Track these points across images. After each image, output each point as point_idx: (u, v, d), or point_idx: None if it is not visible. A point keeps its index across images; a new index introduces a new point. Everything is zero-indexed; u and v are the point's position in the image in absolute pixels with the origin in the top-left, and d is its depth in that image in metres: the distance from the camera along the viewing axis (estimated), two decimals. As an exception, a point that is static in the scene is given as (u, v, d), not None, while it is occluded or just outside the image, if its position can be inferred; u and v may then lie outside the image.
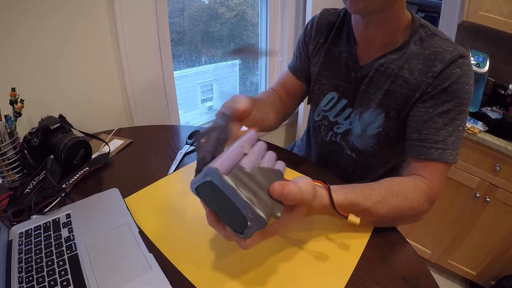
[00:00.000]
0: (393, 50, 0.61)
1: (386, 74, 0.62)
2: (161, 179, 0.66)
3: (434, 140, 0.55)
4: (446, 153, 0.55)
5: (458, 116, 0.55)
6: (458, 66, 0.54)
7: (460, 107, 0.55)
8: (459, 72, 0.54)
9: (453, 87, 0.54)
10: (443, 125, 0.55)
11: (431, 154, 0.55)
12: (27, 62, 0.79)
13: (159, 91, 1.13)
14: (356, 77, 0.67)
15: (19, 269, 0.44)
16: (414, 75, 0.58)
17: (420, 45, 0.59)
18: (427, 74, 0.57)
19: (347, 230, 0.53)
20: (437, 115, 0.56)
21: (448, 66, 0.55)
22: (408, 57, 0.59)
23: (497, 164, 1.14)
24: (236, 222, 0.36)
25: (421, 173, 0.56)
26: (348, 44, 0.68)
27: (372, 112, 0.65)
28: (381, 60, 0.62)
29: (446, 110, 0.55)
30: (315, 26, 0.73)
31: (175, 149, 0.78)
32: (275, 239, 0.50)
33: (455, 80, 0.54)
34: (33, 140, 0.65)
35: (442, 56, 0.55)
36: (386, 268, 0.47)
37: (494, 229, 1.25)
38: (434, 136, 0.56)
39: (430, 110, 0.56)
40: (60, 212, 0.55)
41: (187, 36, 1.36)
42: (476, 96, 1.33)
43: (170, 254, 0.47)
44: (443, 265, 1.44)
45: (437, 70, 0.55)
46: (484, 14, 1.17)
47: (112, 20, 0.91)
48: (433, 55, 0.56)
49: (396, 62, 0.61)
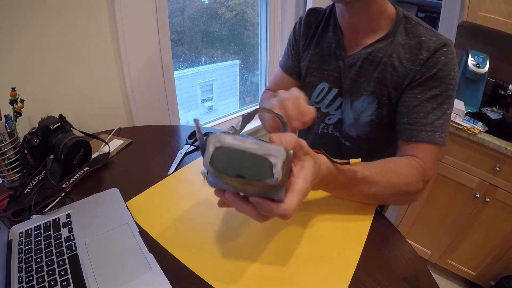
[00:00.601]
0: (380, 39, 0.64)
1: (375, 62, 0.65)
2: (162, 181, 0.66)
3: (424, 123, 0.58)
4: (435, 135, 0.58)
5: (446, 100, 0.58)
6: (443, 54, 0.58)
7: (447, 92, 0.58)
8: (444, 60, 0.57)
9: (440, 74, 0.58)
10: (431, 109, 0.58)
11: (421, 136, 0.58)
12: (27, 62, 0.79)
13: (159, 91, 1.12)
14: (344, 66, 0.70)
15: (19, 269, 0.44)
16: (403, 64, 0.62)
17: (406, 35, 0.62)
18: (415, 62, 0.60)
19: (347, 229, 0.53)
20: (426, 100, 0.59)
21: (433, 54, 0.58)
22: (396, 46, 0.62)
23: (497, 164, 1.15)
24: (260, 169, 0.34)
25: (413, 153, 0.59)
26: (335, 34, 0.71)
27: (364, 100, 0.67)
28: (369, 49, 0.65)
29: (434, 95, 0.58)
30: (303, 23, 0.78)
31: (175, 149, 0.79)
32: (275, 240, 0.50)
33: (441, 68, 0.57)
34: (33, 140, 0.65)
35: (427, 45, 0.59)
36: (386, 268, 0.47)
37: (494, 229, 1.25)
38: (423, 120, 0.58)
39: (419, 96, 0.59)
40: (60, 212, 0.55)
41: (187, 36, 1.36)
42: (476, 96, 1.33)
43: (174, 250, 0.48)
44: (443, 265, 1.44)
45: (423, 58, 0.59)
46: (484, 15, 1.17)
47: (112, 20, 0.91)
48: (418, 44, 0.60)
49: (383, 51, 0.64)
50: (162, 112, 1.17)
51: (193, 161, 0.73)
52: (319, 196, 0.61)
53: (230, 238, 0.51)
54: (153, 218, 0.55)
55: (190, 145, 0.79)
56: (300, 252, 0.48)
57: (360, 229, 0.53)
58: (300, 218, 0.55)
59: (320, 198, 0.60)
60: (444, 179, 1.28)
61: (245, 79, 1.74)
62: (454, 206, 1.30)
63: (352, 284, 0.43)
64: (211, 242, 0.50)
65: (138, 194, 0.61)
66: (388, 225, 0.56)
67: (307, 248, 0.49)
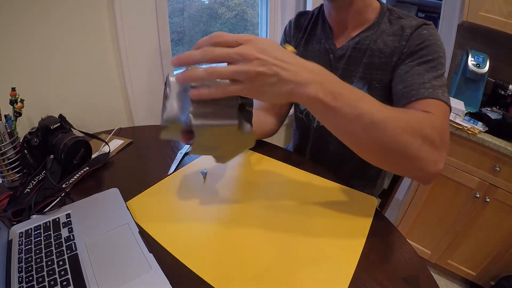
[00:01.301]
0: (366, 29, 0.68)
1: (362, 50, 0.68)
2: (161, 181, 0.66)
3: (421, 82, 0.54)
4: (436, 92, 0.52)
5: (438, 66, 0.56)
6: (425, 29, 0.61)
7: (438, 58, 0.57)
8: (427, 33, 0.60)
9: (426, 43, 0.59)
10: (425, 71, 0.56)
11: (422, 93, 0.53)
12: (27, 62, 0.79)
13: (159, 91, 1.12)
14: (335, 58, 0.73)
15: (19, 268, 0.44)
16: (387, 45, 0.65)
17: (390, 24, 0.66)
18: (400, 40, 0.63)
19: (346, 229, 0.53)
20: (417, 65, 0.58)
21: (415, 29, 0.61)
22: (381, 33, 0.66)
23: (497, 164, 1.14)
24: None
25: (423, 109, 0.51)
26: (324, 31, 0.75)
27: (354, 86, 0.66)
28: (356, 39, 0.69)
29: (425, 60, 0.58)
30: (293, 25, 0.82)
31: (175, 149, 0.79)
32: (275, 239, 0.50)
33: (426, 38, 0.59)
34: (33, 140, 0.65)
35: (408, 24, 0.62)
36: (386, 268, 0.47)
37: (494, 229, 1.25)
38: (419, 80, 0.55)
39: (410, 63, 0.60)
40: (60, 212, 0.55)
41: (187, 36, 1.36)
42: (476, 96, 1.33)
43: (173, 250, 0.48)
44: (443, 265, 1.44)
45: (407, 34, 0.62)
46: (484, 15, 1.17)
47: (112, 20, 0.91)
48: (400, 28, 0.64)
49: (369, 38, 0.67)
50: (162, 112, 1.17)
51: (193, 161, 0.73)
52: (319, 196, 0.61)
53: (230, 238, 0.51)
54: (153, 218, 0.55)
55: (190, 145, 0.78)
56: (300, 252, 0.48)
57: (360, 229, 0.53)
58: (299, 218, 0.55)
59: (319, 197, 0.60)
60: (444, 179, 1.28)
61: (245, 79, 1.74)
62: (454, 206, 1.30)
63: (352, 284, 0.43)
64: (211, 242, 0.50)
65: (138, 194, 0.61)
66: (388, 225, 0.56)
67: (307, 248, 0.49)
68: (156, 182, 0.65)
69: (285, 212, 0.57)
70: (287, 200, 0.61)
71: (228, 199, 0.61)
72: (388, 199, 0.89)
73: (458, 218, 1.31)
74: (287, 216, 0.56)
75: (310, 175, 0.68)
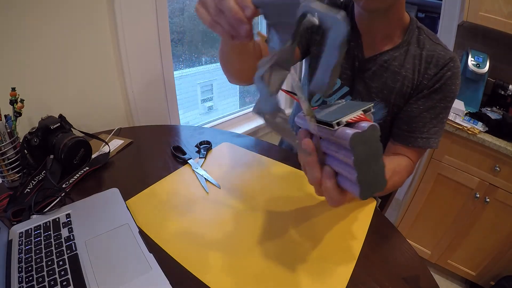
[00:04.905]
0: (395, 47, 0.66)
1: (389, 71, 0.67)
2: (161, 180, 0.66)
3: (421, 132, 0.65)
4: (430, 141, 0.65)
5: (443, 111, 0.65)
6: (449, 69, 0.62)
7: (446, 103, 0.64)
8: (450, 74, 0.62)
9: (443, 87, 0.63)
10: (429, 119, 0.64)
11: (417, 143, 0.65)
12: (27, 62, 0.79)
13: (159, 91, 1.13)
14: (359, 67, 0.70)
15: (19, 268, 0.44)
16: (414, 75, 0.65)
17: (418, 46, 0.65)
18: (424, 75, 0.64)
19: (345, 229, 0.53)
20: (425, 111, 0.64)
21: (441, 69, 0.63)
22: (409, 57, 0.65)
23: (497, 164, 1.14)
24: None
25: (408, 155, 0.67)
26: (354, 33, 0.70)
27: (375, 105, 0.68)
28: (385, 57, 0.67)
29: (433, 106, 0.64)
30: None
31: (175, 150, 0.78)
32: (274, 240, 0.50)
33: (445, 82, 0.62)
34: (33, 140, 0.65)
35: (436, 59, 0.63)
36: (386, 268, 0.47)
37: (494, 229, 1.25)
38: (421, 129, 0.65)
39: (421, 107, 0.65)
40: (60, 212, 0.55)
41: (187, 36, 1.36)
42: (476, 96, 1.33)
43: (171, 251, 0.48)
44: (443, 266, 1.44)
45: (431, 73, 0.63)
46: (484, 15, 1.17)
47: (112, 20, 0.91)
48: (429, 58, 0.64)
49: (398, 60, 0.66)
50: (162, 112, 1.17)
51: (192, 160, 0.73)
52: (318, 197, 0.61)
53: (229, 238, 0.51)
54: (152, 218, 0.55)
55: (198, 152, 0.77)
56: (299, 252, 0.48)
57: (358, 229, 0.53)
58: (299, 218, 0.55)
59: (318, 198, 0.60)
60: (444, 179, 1.28)
61: (245, 79, 1.74)
62: (454, 206, 1.30)
63: (352, 284, 0.43)
64: (210, 242, 0.50)
65: (138, 194, 0.61)
66: (388, 225, 0.56)
67: (306, 248, 0.49)
68: (156, 182, 0.65)
69: (284, 213, 0.57)
70: (287, 200, 0.61)
71: (227, 199, 0.61)
72: (388, 199, 0.89)
73: (458, 218, 1.31)
74: (286, 217, 0.56)
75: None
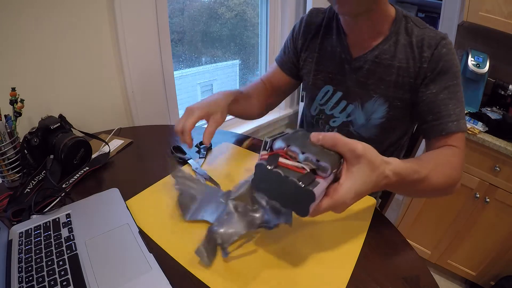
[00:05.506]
0: (384, 40, 0.66)
1: (382, 65, 0.66)
2: (161, 180, 0.66)
3: (448, 115, 0.61)
4: (460, 123, 0.61)
5: (457, 88, 0.62)
6: (443, 46, 0.62)
7: (456, 80, 0.62)
8: (445, 50, 0.62)
9: (445, 65, 0.61)
10: (449, 99, 0.62)
11: (450, 128, 0.61)
12: (27, 62, 0.79)
13: (159, 91, 1.13)
14: (350, 69, 0.70)
15: (19, 268, 0.44)
16: (408, 63, 0.64)
17: (407, 34, 0.65)
18: (421, 60, 0.63)
19: (345, 230, 0.53)
20: (441, 92, 0.62)
21: (435, 49, 0.62)
22: (400, 47, 0.65)
23: (497, 164, 1.14)
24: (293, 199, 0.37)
25: (449, 144, 0.61)
26: (339, 37, 0.71)
27: (375, 102, 0.69)
28: (375, 52, 0.66)
29: (446, 86, 0.62)
30: (303, 24, 0.78)
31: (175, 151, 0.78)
32: (273, 240, 0.50)
33: (446, 59, 0.61)
34: (33, 140, 0.65)
35: (427, 42, 0.62)
36: (386, 268, 0.47)
37: (494, 229, 1.25)
38: (445, 112, 0.61)
39: (434, 91, 0.62)
40: (60, 212, 0.55)
41: (187, 36, 1.36)
42: (476, 96, 1.33)
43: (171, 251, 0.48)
44: (442, 266, 1.44)
45: (428, 55, 0.62)
46: (484, 15, 1.17)
47: (112, 20, 0.91)
48: (419, 43, 0.63)
49: (388, 53, 0.66)
50: (162, 112, 1.17)
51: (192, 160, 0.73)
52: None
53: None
54: (152, 219, 0.55)
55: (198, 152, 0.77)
56: (299, 252, 0.48)
57: (358, 229, 0.53)
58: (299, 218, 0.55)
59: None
60: (444, 179, 1.28)
61: (245, 79, 1.74)
62: (454, 206, 1.30)
63: (352, 284, 0.43)
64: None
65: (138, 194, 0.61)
66: (388, 225, 0.56)
67: (306, 248, 0.49)
68: (156, 182, 0.65)
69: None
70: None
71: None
72: (388, 199, 0.89)
73: (458, 218, 1.31)
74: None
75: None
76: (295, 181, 0.35)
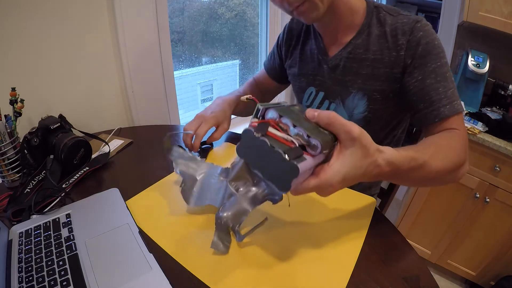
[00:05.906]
0: (356, 35, 0.66)
1: (357, 59, 0.66)
2: (162, 180, 0.66)
3: (439, 99, 0.59)
4: (454, 105, 0.58)
5: (443, 68, 0.59)
6: (419, 29, 0.59)
7: (440, 60, 0.59)
8: (421, 33, 0.59)
9: (425, 48, 0.59)
10: (437, 83, 0.59)
11: (444, 113, 0.58)
12: (27, 62, 0.79)
13: (159, 91, 1.12)
14: (328, 68, 0.72)
15: (19, 268, 0.44)
16: (383, 53, 0.63)
17: (380, 25, 0.64)
18: (396, 48, 0.61)
19: (345, 230, 0.53)
20: (427, 77, 0.59)
21: (410, 34, 0.60)
22: (372, 39, 0.64)
23: (497, 164, 1.14)
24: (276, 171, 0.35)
25: (446, 127, 0.59)
26: (316, 40, 0.74)
27: (354, 97, 0.69)
28: (349, 48, 0.67)
29: (431, 69, 0.59)
30: (286, 31, 0.82)
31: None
32: (273, 240, 0.50)
33: (424, 41, 0.59)
34: (33, 140, 0.65)
35: (401, 29, 0.61)
36: (386, 268, 0.47)
37: (494, 229, 1.25)
38: (436, 97, 0.59)
39: (420, 78, 0.60)
40: (60, 212, 0.55)
41: (187, 36, 1.36)
42: (476, 96, 1.33)
43: (171, 251, 0.48)
44: (442, 266, 1.44)
45: (403, 42, 0.60)
46: (484, 15, 1.17)
47: (112, 20, 0.91)
48: (393, 31, 0.62)
49: (361, 46, 0.65)
50: (162, 112, 1.17)
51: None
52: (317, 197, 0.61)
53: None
54: (152, 219, 0.55)
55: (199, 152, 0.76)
56: (298, 252, 0.48)
57: (358, 229, 0.53)
58: (298, 219, 0.55)
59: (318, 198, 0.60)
60: (444, 179, 1.28)
61: (245, 79, 1.74)
62: (454, 206, 1.30)
63: (352, 284, 0.43)
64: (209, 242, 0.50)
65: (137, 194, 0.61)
66: (388, 225, 0.56)
67: (306, 248, 0.49)
68: (156, 182, 0.65)
69: (283, 213, 0.57)
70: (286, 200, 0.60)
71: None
72: (388, 199, 0.89)
73: (458, 218, 1.31)
74: (285, 217, 0.56)
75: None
76: (281, 153, 0.33)
